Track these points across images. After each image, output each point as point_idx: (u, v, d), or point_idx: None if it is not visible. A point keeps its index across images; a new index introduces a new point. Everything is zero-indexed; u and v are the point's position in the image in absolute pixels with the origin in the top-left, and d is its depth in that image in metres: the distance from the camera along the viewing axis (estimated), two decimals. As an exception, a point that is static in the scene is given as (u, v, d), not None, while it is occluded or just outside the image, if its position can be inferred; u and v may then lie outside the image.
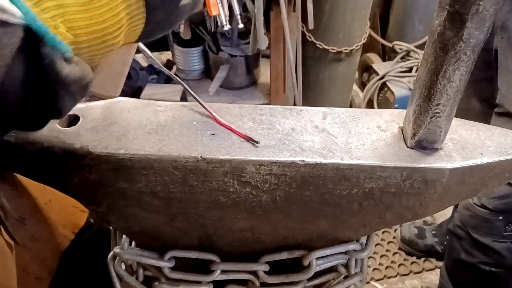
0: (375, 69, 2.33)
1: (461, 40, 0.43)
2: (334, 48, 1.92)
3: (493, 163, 0.53)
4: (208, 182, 0.53)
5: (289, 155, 0.51)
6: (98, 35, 0.34)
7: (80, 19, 0.33)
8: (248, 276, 0.65)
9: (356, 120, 0.57)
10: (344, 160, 0.51)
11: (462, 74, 0.47)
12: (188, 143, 0.52)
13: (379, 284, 1.71)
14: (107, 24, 0.34)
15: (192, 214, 0.58)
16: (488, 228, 1.28)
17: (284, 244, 0.65)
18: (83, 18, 0.33)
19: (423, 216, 0.61)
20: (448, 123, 0.52)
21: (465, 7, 0.41)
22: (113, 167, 0.51)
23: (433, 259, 1.80)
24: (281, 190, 0.54)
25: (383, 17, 2.51)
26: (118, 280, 0.67)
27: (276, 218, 0.59)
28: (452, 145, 0.54)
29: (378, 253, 1.82)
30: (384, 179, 0.52)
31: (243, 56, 1.97)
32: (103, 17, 0.34)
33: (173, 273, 0.64)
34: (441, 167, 0.52)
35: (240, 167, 0.51)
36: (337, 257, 0.65)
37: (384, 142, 0.54)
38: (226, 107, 0.58)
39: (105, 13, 0.34)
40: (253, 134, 0.54)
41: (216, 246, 0.65)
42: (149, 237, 0.64)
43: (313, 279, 0.66)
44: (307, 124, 0.56)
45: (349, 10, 1.83)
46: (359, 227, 0.62)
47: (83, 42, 0.33)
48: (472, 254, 1.35)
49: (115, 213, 0.59)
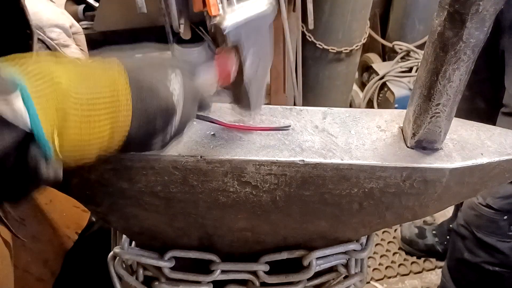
0: (375, 69, 2.33)
1: (461, 40, 0.43)
2: (334, 48, 1.92)
3: (493, 163, 0.53)
4: (208, 182, 0.53)
5: (289, 155, 0.51)
6: (79, 152, 0.39)
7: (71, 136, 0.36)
8: (248, 276, 0.65)
9: (356, 120, 0.57)
10: (344, 160, 0.51)
11: (462, 74, 0.47)
12: (188, 143, 0.52)
13: (379, 284, 1.71)
14: (91, 147, 0.39)
15: (192, 214, 0.58)
16: (493, 227, 1.28)
17: (284, 244, 0.64)
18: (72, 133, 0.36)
19: (423, 216, 0.61)
20: (448, 123, 0.52)
21: (465, 7, 0.41)
22: (113, 167, 0.51)
23: (433, 259, 1.79)
24: (281, 190, 0.54)
25: (383, 17, 2.51)
26: (118, 280, 0.67)
27: (276, 218, 0.59)
28: (452, 145, 0.54)
29: (378, 253, 1.82)
30: (384, 179, 0.52)
31: (243, 56, 1.96)
32: (90, 141, 0.38)
33: (173, 273, 0.64)
34: (441, 167, 0.52)
35: (240, 167, 0.51)
36: (337, 257, 0.65)
37: (384, 142, 0.54)
38: (226, 107, 0.58)
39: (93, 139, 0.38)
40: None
41: (216, 246, 0.65)
42: (149, 237, 0.63)
43: (313, 279, 0.66)
44: (307, 124, 0.56)
45: (349, 10, 1.82)
46: (359, 227, 0.62)
47: (64, 151, 0.37)
48: (476, 253, 1.34)
49: (115, 213, 0.59)
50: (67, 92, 0.35)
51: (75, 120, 0.36)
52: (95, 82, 0.38)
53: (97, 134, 0.38)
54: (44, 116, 0.34)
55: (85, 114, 0.36)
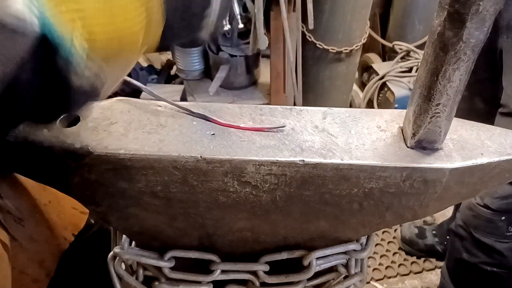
0: (375, 69, 2.33)
1: (461, 40, 0.43)
2: (334, 48, 1.92)
3: (493, 163, 0.53)
4: (208, 182, 0.53)
5: (289, 155, 0.51)
6: (115, 41, 0.33)
7: (98, 24, 0.32)
8: (248, 276, 0.65)
9: (356, 120, 0.57)
10: (344, 160, 0.51)
11: (462, 74, 0.47)
12: (188, 143, 0.52)
13: (379, 284, 1.71)
14: (125, 32, 0.34)
15: (192, 214, 0.58)
16: (491, 228, 1.28)
17: (284, 244, 0.64)
18: (101, 24, 0.32)
19: (423, 216, 0.61)
20: (448, 123, 0.52)
21: (465, 7, 0.41)
22: (113, 167, 0.51)
23: (433, 259, 1.79)
24: (281, 190, 0.54)
25: (383, 17, 2.51)
26: (118, 280, 0.67)
27: (276, 218, 0.59)
28: (452, 145, 0.54)
29: (378, 253, 1.82)
30: (384, 179, 0.52)
31: (243, 56, 1.96)
32: (122, 23, 0.33)
33: (173, 273, 0.64)
34: (441, 167, 0.52)
35: (240, 167, 0.51)
36: (337, 257, 0.65)
37: (384, 142, 0.54)
38: (226, 107, 0.58)
39: (124, 19, 0.33)
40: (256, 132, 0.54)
41: (216, 246, 0.65)
42: (149, 237, 0.64)
43: (313, 279, 0.66)
44: (307, 124, 0.56)
45: (349, 10, 1.83)
46: (359, 227, 0.62)
47: (99, 47, 0.33)
48: (474, 254, 1.34)
49: (115, 213, 0.59)
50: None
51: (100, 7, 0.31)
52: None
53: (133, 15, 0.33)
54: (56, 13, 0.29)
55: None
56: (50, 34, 0.29)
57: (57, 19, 0.29)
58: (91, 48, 0.32)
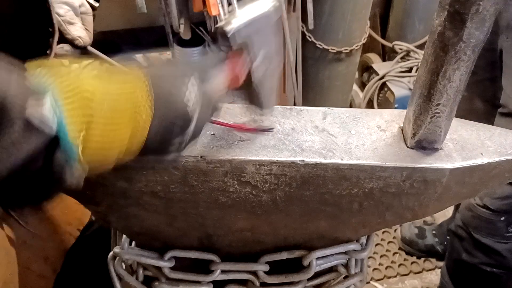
0: (375, 69, 2.33)
1: (461, 40, 0.43)
2: (334, 48, 1.92)
3: (493, 163, 0.53)
4: (208, 182, 0.53)
5: (289, 155, 0.51)
6: (100, 157, 0.40)
7: (94, 142, 0.38)
8: (248, 276, 0.65)
9: (356, 120, 0.57)
10: (344, 160, 0.51)
11: (462, 74, 0.47)
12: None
13: (379, 284, 1.71)
14: (112, 152, 0.40)
15: (192, 214, 0.58)
16: (490, 229, 1.28)
17: (284, 244, 0.64)
18: (97, 145, 0.38)
19: (423, 216, 0.61)
20: (448, 123, 0.52)
21: (465, 7, 0.41)
22: (113, 167, 0.51)
23: (433, 259, 1.79)
24: (281, 190, 0.54)
25: (383, 17, 2.51)
26: (118, 280, 0.67)
27: (276, 218, 0.59)
28: (452, 145, 0.54)
29: (378, 253, 1.82)
30: (384, 179, 0.52)
31: (243, 56, 1.96)
32: (112, 145, 0.39)
33: (173, 273, 0.64)
34: (441, 167, 0.52)
35: (240, 167, 0.51)
36: (337, 257, 0.65)
37: (384, 142, 0.54)
38: (226, 107, 0.58)
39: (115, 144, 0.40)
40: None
41: (216, 246, 0.65)
42: (149, 237, 0.63)
43: (313, 279, 0.66)
44: (307, 124, 0.56)
45: (349, 10, 1.82)
46: (359, 227, 0.62)
47: (86, 157, 0.38)
48: (473, 254, 1.34)
49: (115, 213, 0.59)
50: (93, 101, 0.37)
51: (99, 128, 0.38)
52: (118, 91, 0.40)
53: (118, 139, 0.40)
54: (71, 122, 0.36)
55: (109, 122, 0.38)
56: (61, 134, 0.35)
57: (71, 125, 0.36)
58: (83, 153, 0.38)
